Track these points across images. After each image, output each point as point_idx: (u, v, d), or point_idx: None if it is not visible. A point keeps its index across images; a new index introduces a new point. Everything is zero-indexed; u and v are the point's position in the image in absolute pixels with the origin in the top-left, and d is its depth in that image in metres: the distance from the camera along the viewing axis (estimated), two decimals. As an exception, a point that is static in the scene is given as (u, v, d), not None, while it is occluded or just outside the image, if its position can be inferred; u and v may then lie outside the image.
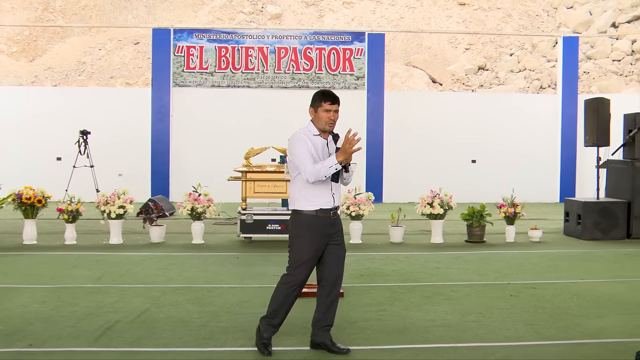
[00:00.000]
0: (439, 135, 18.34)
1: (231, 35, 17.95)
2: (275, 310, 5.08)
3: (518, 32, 29.22)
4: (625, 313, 6.38)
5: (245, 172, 10.56)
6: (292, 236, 5.09)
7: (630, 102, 15.96)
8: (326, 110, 5.00)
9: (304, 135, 5.03)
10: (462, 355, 5.10)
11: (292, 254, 5.05)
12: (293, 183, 5.10)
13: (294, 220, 5.08)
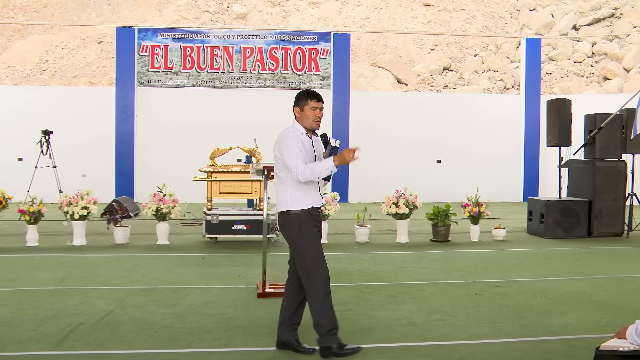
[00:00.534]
0: (404, 135, 18.45)
1: (196, 34, 17.84)
2: (331, 319, 4.94)
3: (482, 34, 29.54)
4: (586, 310, 6.50)
5: (211, 172, 10.51)
6: (294, 238, 5.00)
7: (591, 103, 16.24)
8: (312, 107, 5.08)
9: (293, 135, 5.04)
10: (427, 353, 5.14)
11: (305, 255, 4.97)
12: (282, 184, 5.05)
13: (291, 222, 4.99)
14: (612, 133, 12.01)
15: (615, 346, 3.26)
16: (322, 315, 4.92)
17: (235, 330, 5.63)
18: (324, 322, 4.92)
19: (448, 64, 28.80)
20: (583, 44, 27.99)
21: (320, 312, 4.92)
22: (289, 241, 5.07)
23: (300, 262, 4.99)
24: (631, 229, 12.14)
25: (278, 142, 5.09)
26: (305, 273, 4.96)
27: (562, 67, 27.36)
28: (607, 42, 27.73)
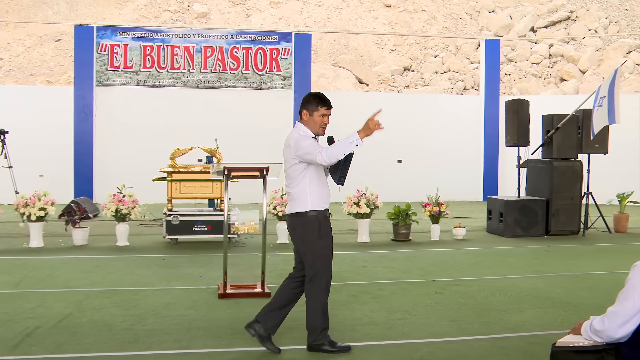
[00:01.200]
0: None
1: (156, 33, 17.67)
2: (324, 320, 5.08)
3: (442, 35, 29.80)
4: (543, 307, 6.62)
5: (171, 172, 10.43)
6: (314, 239, 5.03)
7: (548, 104, 16.50)
8: (322, 115, 5.13)
9: (306, 135, 5.08)
10: (388, 352, 5.18)
11: (317, 256, 5.02)
12: (297, 185, 5.07)
13: (308, 224, 5.02)
14: (569, 133, 12.23)
15: (570, 342, 3.32)
16: (319, 316, 5.04)
17: (196, 331, 5.60)
18: (320, 322, 5.05)
19: (409, 65, 29.01)
20: (540, 45, 28.45)
21: (319, 312, 5.04)
22: (303, 242, 5.07)
23: (312, 263, 5.04)
24: (587, 228, 12.38)
25: (292, 143, 5.07)
26: (314, 274, 5.03)
27: (521, 68, 27.77)
28: (564, 44, 28.23)
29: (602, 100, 11.33)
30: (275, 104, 17.92)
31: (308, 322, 5.11)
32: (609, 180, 15.72)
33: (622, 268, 3.25)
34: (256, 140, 17.30)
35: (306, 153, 4.97)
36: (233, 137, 16.04)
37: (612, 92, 11.17)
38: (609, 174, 16.02)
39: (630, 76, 25.46)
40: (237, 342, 5.31)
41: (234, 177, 7.17)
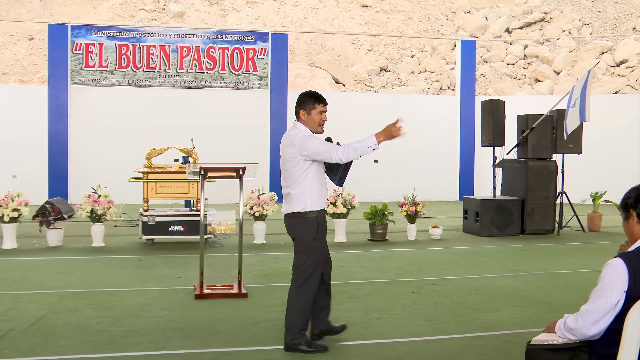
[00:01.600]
0: (342, 135, 18.44)
1: (132, 33, 17.55)
2: (305, 320, 5.10)
3: (419, 35, 29.92)
4: (519, 305, 6.67)
5: (147, 172, 10.36)
6: (307, 240, 5.06)
7: (523, 104, 16.65)
8: (320, 112, 5.12)
9: (311, 134, 5.08)
10: (365, 352, 5.19)
11: (309, 257, 5.05)
12: (299, 184, 5.05)
13: (306, 224, 5.05)
14: (544, 133, 12.35)
15: (544, 340, 3.36)
16: (300, 315, 5.06)
17: (173, 332, 5.57)
18: (300, 322, 5.06)
19: (385, 65, 29.09)
20: (515, 46, 28.68)
21: (301, 312, 5.06)
22: (299, 240, 5.11)
23: (303, 262, 5.08)
24: (561, 227, 12.51)
25: (297, 142, 5.02)
26: (303, 272, 5.07)
27: (496, 69, 27.97)
28: (538, 45, 28.48)
29: (576, 101, 11.46)
30: (252, 104, 17.89)
31: (288, 320, 5.10)
32: (582, 179, 15.90)
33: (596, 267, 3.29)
34: (233, 141, 17.26)
35: (316, 153, 4.97)
36: (209, 137, 15.98)
37: (584, 92, 11.31)
38: (582, 173, 16.20)
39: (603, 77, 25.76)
40: (214, 343, 5.28)
41: (210, 178, 7.15)
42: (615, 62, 26.43)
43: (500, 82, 27.00)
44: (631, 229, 3.25)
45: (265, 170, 17.16)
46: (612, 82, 25.30)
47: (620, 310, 3.01)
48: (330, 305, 5.38)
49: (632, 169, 17.36)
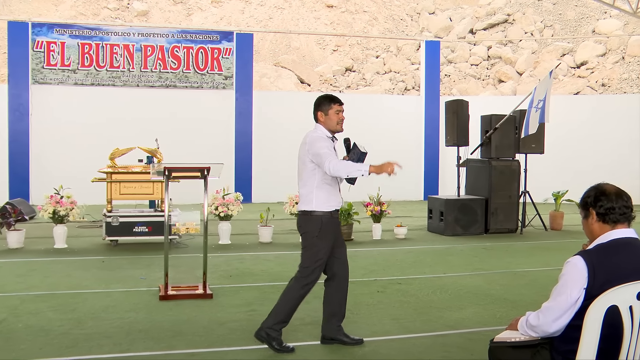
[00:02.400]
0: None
1: (95, 31, 17.33)
2: (289, 312, 5.20)
3: (384, 36, 30.06)
4: (483, 304, 6.75)
5: (111, 173, 10.25)
6: (310, 237, 5.17)
7: (487, 104, 16.84)
8: (337, 111, 5.36)
9: (324, 137, 5.24)
10: (331, 351, 5.21)
11: (311, 254, 5.15)
12: (305, 185, 5.21)
13: (310, 221, 5.17)
14: (507, 133, 12.50)
15: (507, 337, 3.40)
16: (288, 308, 5.18)
17: (137, 334, 5.52)
18: (284, 314, 5.17)
19: (350, 65, 29.17)
20: (479, 47, 28.99)
21: (290, 305, 5.18)
22: (303, 237, 5.24)
23: (306, 259, 5.20)
24: (524, 226, 12.68)
25: (308, 142, 5.20)
26: (305, 269, 5.17)
27: (460, 70, 28.23)
28: (502, 47, 28.83)
29: (540, 102, 11.61)
30: (217, 104, 17.81)
31: (276, 307, 5.19)
32: (545, 179, 16.14)
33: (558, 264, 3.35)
34: (198, 141, 17.16)
35: (316, 155, 5.10)
36: (174, 137, 15.86)
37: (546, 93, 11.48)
38: (545, 173, 16.44)
39: (564, 78, 26.17)
40: (178, 345, 5.25)
41: (174, 178, 7.11)
42: (575, 63, 26.87)
43: (464, 83, 27.27)
44: (590, 227, 3.31)
45: (231, 171, 17.09)
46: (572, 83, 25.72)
47: (580, 307, 3.06)
48: (340, 313, 5.38)
49: (592, 168, 17.66)
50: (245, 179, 17.73)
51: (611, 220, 3.22)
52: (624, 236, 3.21)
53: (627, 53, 26.09)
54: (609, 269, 3.06)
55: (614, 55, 26.39)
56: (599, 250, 3.18)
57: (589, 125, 18.94)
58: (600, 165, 17.91)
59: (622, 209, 3.22)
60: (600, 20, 28.17)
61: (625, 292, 2.95)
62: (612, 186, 3.31)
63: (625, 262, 3.10)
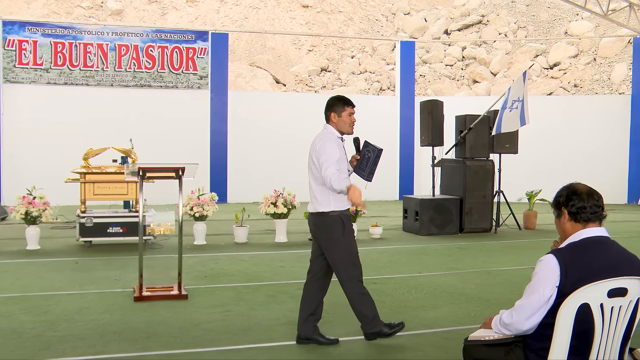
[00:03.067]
0: (282, 136, 18.51)
1: (68, 30, 17.16)
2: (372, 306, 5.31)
3: (359, 36, 30.13)
4: (457, 303, 6.80)
5: (84, 173, 10.16)
6: (339, 237, 5.22)
7: (461, 105, 16.96)
8: (350, 114, 5.49)
9: (335, 139, 5.35)
10: (307, 351, 5.21)
11: (345, 251, 5.23)
12: (317, 185, 5.28)
13: (333, 222, 5.22)
14: (481, 133, 12.59)
15: (481, 336, 3.43)
16: (364, 305, 5.29)
17: (111, 335, 5.48)
18: (366, 310, 5.29)
19: (326, 65, 29.20)
20: (454, 48, 29.17)
21: (361, 302, 5.28)
22: (327, 240, 5.26)
23: (339, 260, 5.24)
24: (499, 225, 12.78)
25: (318, 145, 5.30)
26: (343, 270, 5.24)
27: (435, 70, 28.38)
28: (476, 47, 29.04)
29: (516, 103, 11.69)
30: (192, 104, 17.73)
31: (359, 315, 5.34)
32: (518, 179, 16.28)
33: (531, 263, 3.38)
34: (172, 141, 17.07)
35: (322, 159, 5.18)
36: (149, 138, 15.76)
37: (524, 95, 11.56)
38: (518, 173, 16.58)
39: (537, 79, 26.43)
40: (153, 346, 5.22)
41: (149, 178, 7.07)
42: (548, 64, 27.16)
43: (439, 83, 27.42)
44: (563, 226, 3.35)
45: (206, 171, 17.02)
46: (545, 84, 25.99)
47: (552, 305, 3.10)
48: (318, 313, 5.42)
49: (565, 168, 17.85)
50: (220, 179, 17.67)
51: (583, 220, 3.27)
52: (595, 235, 3.25)
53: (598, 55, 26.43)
54: (580, 267, 3.10)
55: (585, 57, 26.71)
56: (571, 249, 3.22)
57: (561, 125, 19.17)
58: (572, 165, 18.12)
59: (594, 208, 3.27)
60: (572, 22, 28.50)
61: (596, 290, 2.99)
62: (583, 186, 3.36)
63: (597, 261, 3.14)
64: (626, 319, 3.09)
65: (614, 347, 3.10)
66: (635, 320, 3.17)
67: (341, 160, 5.28)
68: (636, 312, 3.14)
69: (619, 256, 3.22)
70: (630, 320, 3.12)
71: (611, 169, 18.86)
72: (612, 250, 3.23)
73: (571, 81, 25.72)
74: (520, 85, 11.76)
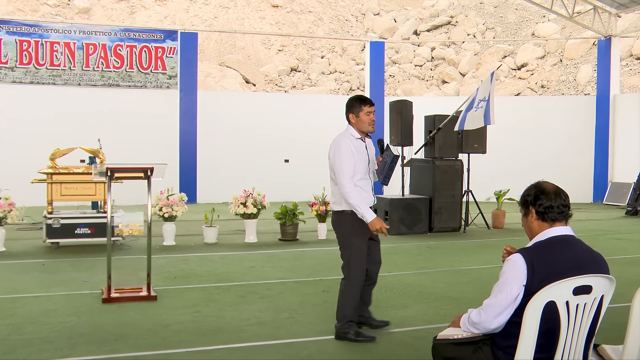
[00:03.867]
0: (252, 136, 18.47)
1: (34, 28, 16.91)
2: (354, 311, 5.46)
3: (329, 36, 30.19)
4: (427, 302, 6.85)
5: (51, 174, 10.03)
6: (348, 234, 5.41)
7: (431, 105, 17.05)
8: (367, 112, 5.46)
9: (350, 143, 5.38)
10: (277, 351, 5.20)
11: (352, 251, 5.40)
12: (335, 184, 5.44)
13: (344, 221, 5.40)
14: (450, 133, 12.67)
15: (450, 335, 3.46)
16: (349, 307, 5.42)
17: (79, 338, 5.41)
18: (349, 312, 5.42)
19: (295, 65, 29.21)
20: (423, 48, 29.37)
21: (349, 304, 5.41)
22: (339, 237, 5.52)
23: (344, 256, 5.46)
24: (467, 224, 12.89)
25: (332, 153, 5.46)
26: (346, 267, 5.44)
27: (404, 70, 28.55)
28: (445, 48, 29.28)
29: (482, 103, 11.80)
30: (161, 104, 17.60)
31: (339, 312, 5.45)
32: (487, 178, 16.43)
33: (499, 262, 3.42)
34: (141, 141, 16.92)
35: (336, 172, 5.36)
36: (117, 138, 15.61)
37: (490, 95, 11.67)
38: (487, 172, 16.73)
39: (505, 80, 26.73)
40: (122, 348, 5.17)
41: (117, 179, 7.00)
42: (516, 65, 27.49)
43: (408, 83, 27.58)
44: (530, 225, 3.39)
45: (175, 171, 16.92)
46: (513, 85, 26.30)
47: (519, 303, 3.14)
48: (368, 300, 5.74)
49: (532, 167, 18.06)
50: (189, 179, 17.57)
51: (549, 219, 3.31)
52: (561, 234, 3.29)
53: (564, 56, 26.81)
54: (547, 266, 3.14)
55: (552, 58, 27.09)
56: (537, 247, 3.26)
57: (529, 125, 19.39)
58: (539, 164, 18.33)
59: (561, 208, 3.31)
60: (540, 23, 28.88)
61: (562, 288, 3.03)
62: (551, 185, 3.40)
63: (562, 259, 3.19)
64: (591, 316, 3.14)
65: (579, 344, 3.15)
66: (600, 317, 3.23)
67: (359, 163, 5.39)
68: (600, 309, 3.19)
69: (584, 254, 3.27)
70: (594, 317, 3.17)
71: (577, 169, 19.14)
72: (577, 249, 3.28)
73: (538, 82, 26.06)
74: (487, 85, 11.87)
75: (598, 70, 20.28)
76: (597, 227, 13.53)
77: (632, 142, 18.74)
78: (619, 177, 18.96)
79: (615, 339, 3.59)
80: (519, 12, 30.14)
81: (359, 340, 5.37)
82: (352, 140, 5.43)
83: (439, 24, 30.38)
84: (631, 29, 24.33)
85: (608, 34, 19.35)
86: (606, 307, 3.23)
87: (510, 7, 30.55)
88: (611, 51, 19.43)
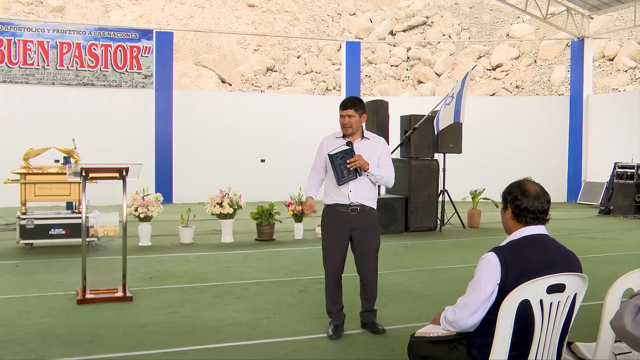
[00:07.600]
0: (228, 135, 18.41)
1: (6, 26, 16.70)
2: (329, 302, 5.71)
3: (305, 36, 30.19)
4: (403, 301, 6.88)
5: (24, 174, 9.91)
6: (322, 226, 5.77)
7: (406, 105, 17.12)
8: (341, 116, 5.67)
9: (326, 140, 5.80)
10: (253, 351, 5.20)
11: (323, 244, 5.75)
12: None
13: (322, 214, 5.74)
14: (425, 133, 12.74)
15: (427, 332, 3.48)
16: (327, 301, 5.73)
17: (53, 340, 5.36)
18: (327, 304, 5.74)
19: (272, 65, 29.17)
20: (399, 49, 29.48)
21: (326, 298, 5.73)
22: None
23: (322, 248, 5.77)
24: (443, 224, 12.96)
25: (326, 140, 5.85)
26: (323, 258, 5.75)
27: (380, 70, 28.64)
28: (421, 48, 29.41)
29: (450, 99, 11.90)
30: (136, 104, 17.48)
31: None
32: (462, 178, 16.55)
33: (475, 261, 3.45)
34: (116, 141, 16.80)
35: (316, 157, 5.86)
36: (92, 137, 15.49)
37: (460, 93, 11.75)
38: (462, 172, 16.86)
39: (481, 80, 26.92)
40: (97, 349, 5.14)
41: (92, 179, 6.95)
42: (491, 65, 27.69)
43: (384, 83, 27.67)
44: (506, 221, 3.41)
45: (151, 171, 16.82)
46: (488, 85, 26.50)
47: (494, 302, 3.17)
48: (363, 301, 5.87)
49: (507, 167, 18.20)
50: (165, 179, 17.47)
51: (524, 221, 3.33)
52: (534, 233, 3.32)
53: (538, 57, 27.07)
54: (520, 264, 3.17)
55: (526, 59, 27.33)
56: (511, 246, 3.29)
57: (503, 125, 19.56)
58: (514, 164, 18.47)
59: (536, 214, 3.31)
60: (514, 24, 29.13)
61: (536, 286, 3.06)
62: (534, 187, 3.37)
63: (536, 258, 3.22)
64: (564, 314, 3.17)
65: (552, 342, 3.19)
66: (573, 315, 3.27)
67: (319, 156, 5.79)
68: (573, 307, 3.23)
69: (557, 253, 3.31)
70: (568, 315, 3.21)
71: (551, 168, 19.34)
72: (550, 248, 3.31)
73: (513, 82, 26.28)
74: (460, 83, 11.95)
75: (572, 71, 20.51)
76: (570, 226, 13.68)
77: (605, 142, 18.98)
78: (592, 176, 19.20)
79: (588, 336, 3.65)
80: (493, 13, 30.38)
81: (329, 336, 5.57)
82: (331, 139, 5.74)
83: (415, 24, 30.51)
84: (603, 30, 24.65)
85: (581, 35, 19.58)
86: (579, 305, 3.26)
87: (485, 8, 30.78)
88: (584, 52, 19.67)
